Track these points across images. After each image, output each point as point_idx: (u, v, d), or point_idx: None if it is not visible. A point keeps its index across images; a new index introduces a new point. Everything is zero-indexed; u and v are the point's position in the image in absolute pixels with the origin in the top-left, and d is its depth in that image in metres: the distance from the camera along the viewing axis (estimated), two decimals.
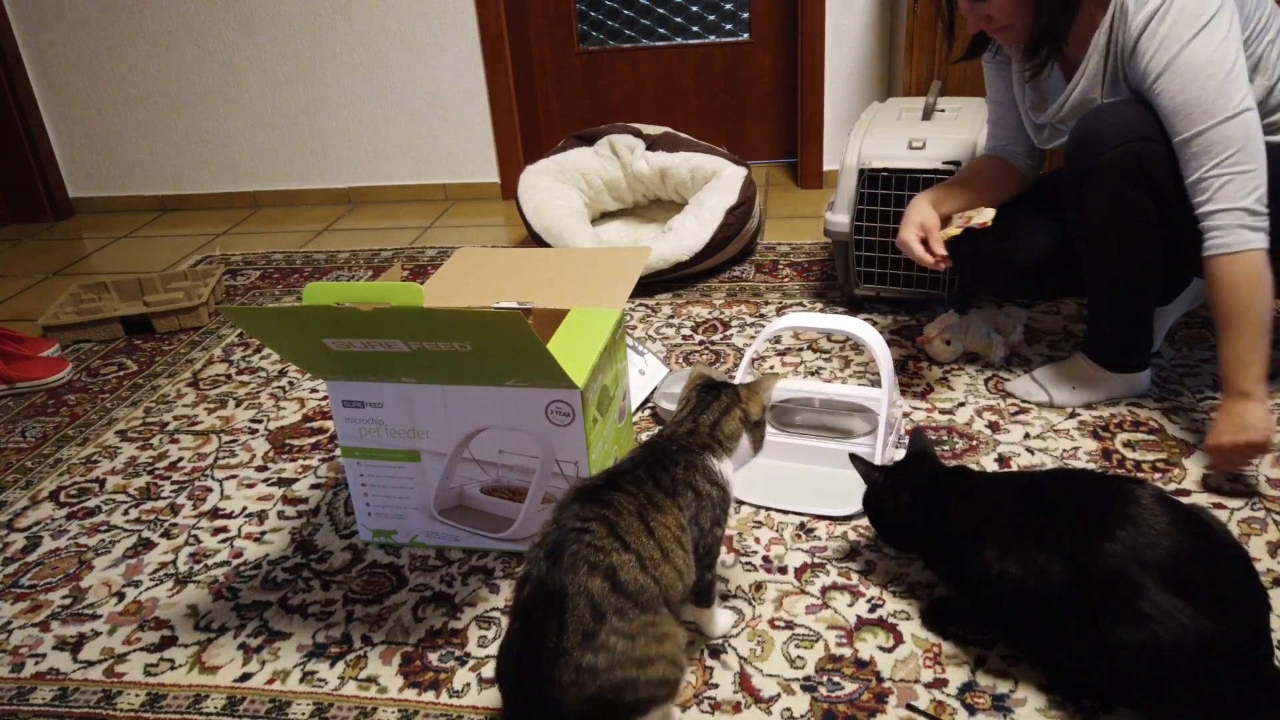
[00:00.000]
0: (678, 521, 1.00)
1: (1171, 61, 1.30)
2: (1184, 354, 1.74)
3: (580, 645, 0.88)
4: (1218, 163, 1.30)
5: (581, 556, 0.91)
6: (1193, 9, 1.28)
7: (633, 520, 0.96)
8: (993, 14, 1.40)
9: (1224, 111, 1.29)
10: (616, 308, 1.40)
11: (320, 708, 1.12)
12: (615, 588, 0.91)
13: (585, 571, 0.90)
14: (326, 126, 3.12)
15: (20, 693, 1.18)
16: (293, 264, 2.64)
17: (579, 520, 0.95)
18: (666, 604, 0.96)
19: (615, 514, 0.96)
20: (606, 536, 0.93)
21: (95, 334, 2.22)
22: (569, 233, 2.28)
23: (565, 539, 0.93)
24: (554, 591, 0.90)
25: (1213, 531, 0.97)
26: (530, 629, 0.91)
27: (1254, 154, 1.30)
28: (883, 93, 2.87)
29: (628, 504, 0.98)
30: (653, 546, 0.96)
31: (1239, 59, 1.30)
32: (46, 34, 3.08)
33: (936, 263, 1.55)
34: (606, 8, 3.07)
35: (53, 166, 3.25)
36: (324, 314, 1.09)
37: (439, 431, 1.28)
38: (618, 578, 0.91)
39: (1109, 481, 1.04)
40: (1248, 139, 1.29)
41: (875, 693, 1.07)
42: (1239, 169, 1.29)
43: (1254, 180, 1.30)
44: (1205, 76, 1.29)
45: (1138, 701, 1.00)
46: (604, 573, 0.91)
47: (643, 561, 0.94)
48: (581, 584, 0.90)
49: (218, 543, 1.45)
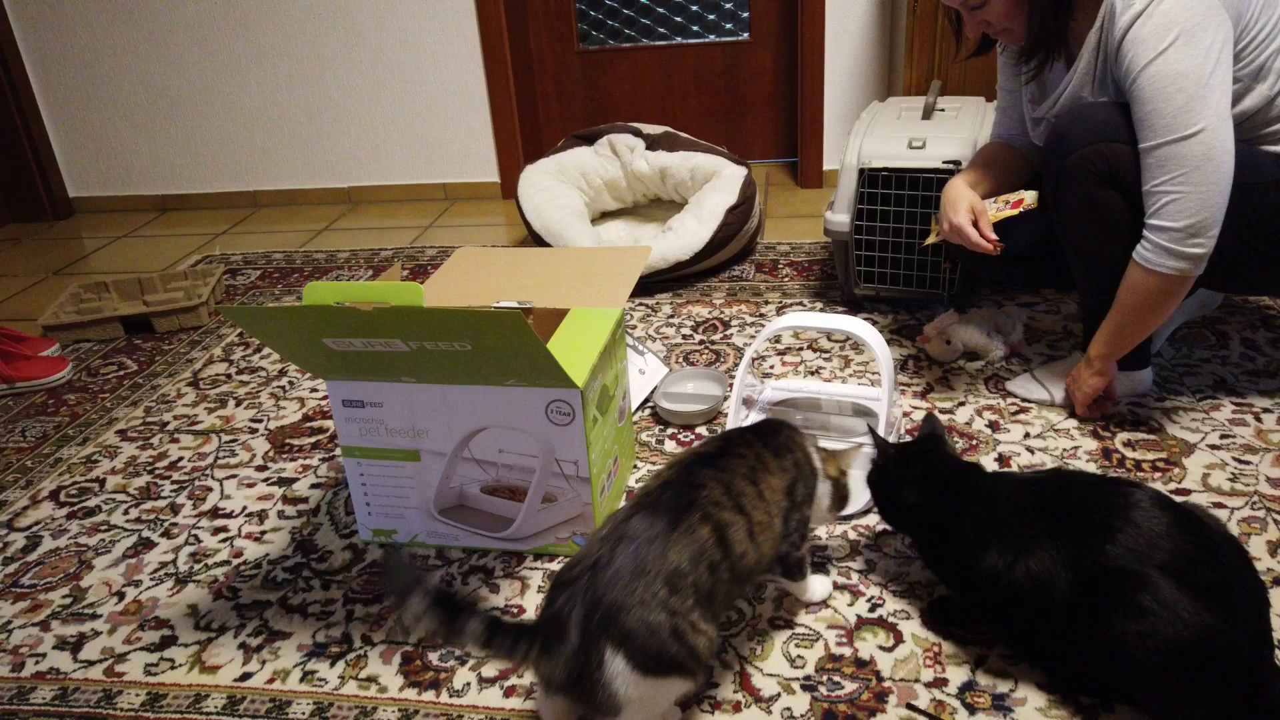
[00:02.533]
0: (781, 485, 1.07)
1: (1145, 67, 1.29)
2: (1184, 354, 1.74)
3: (671, 576, 0.93)
4: (1169, 179, 1.30)
5: (699, 504, 0.98)
6: (1176, 16, 1.27)
7: (745, 484, 1.03)
8: (990, 18, 1.41)
9: (1184, 129, 1.27)
10: (616, 307, 1.40)
11: (320, 707, 1.12)
12: (720, 542, 0.98)
13: (699, 518, 0.97)
14: (326, 126, 3.12)
15: (20, 692, 1.18)
16: (293, 264, 2.64)
17: (699, 475, 1.02)
18: (753, 575, 1.03)
19: (729, 476, 1.03)
20: (722, 495, 1.00)
21: (95, 334, 2.22)
22: (569, 232, 2.28)
23: (691, 483, 1.00)
24: (664, 522, 0.96)
25: (1211, 531, 0.97)
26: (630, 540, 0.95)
27: (1207, 175, 1.28)
28: (883, 92, 2.87)
29: (739, 466, 1.05)
30: (762, 511, 1.03)
31: (1216, 74, 1.27)
32: (46, 34, 3.08)
33: (991, 247, 1.51)
34: (606, 7, 3.06)
35: (53, 166, 3.25)
36: (324, 314, 1.09)
37: (439, 431, 1.28)
38: (725, 536, 0.98)
39: (1107, 484, 1.04)
40: (1205, 159, 1.28)
41: (875, 692, 1.07)
42: (1185, 189, 1.29)
43: (1199, 203, 1.28)
44: (1175, 89, 1.27)
45: (1139, 698, 1.01)
46: (714, 526, 0.98)
47: (751, 527, 1.01)
48: (693, 525, 0.97)
49: (218, 542, 1.45)
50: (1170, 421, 1.54)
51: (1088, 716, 1.02)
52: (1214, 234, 1.31)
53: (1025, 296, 2.02)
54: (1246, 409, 1.56)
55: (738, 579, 1.01)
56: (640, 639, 0.90)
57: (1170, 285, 1.35)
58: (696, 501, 0.98)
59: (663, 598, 0.92)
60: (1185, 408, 1.58)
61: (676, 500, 0.98)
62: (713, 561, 0.96)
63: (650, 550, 0.94)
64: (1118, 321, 1.44)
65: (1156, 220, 1.32)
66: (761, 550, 1.04)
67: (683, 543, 0.95)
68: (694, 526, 0.96)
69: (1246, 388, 1.62)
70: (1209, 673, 0.92)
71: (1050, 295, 2.02)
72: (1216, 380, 1.65)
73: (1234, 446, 1.47)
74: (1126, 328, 1.44)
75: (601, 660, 0.89)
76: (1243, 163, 1.32)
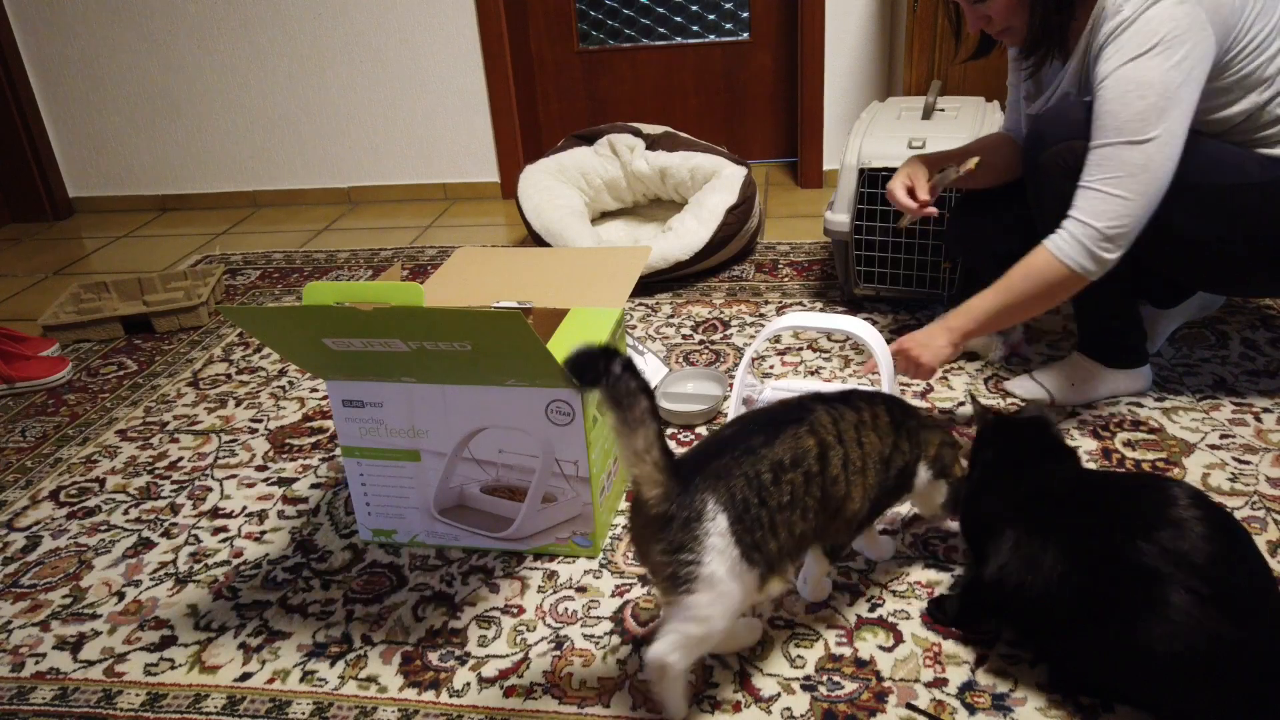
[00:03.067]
0: (879, 449, 1.09)
1: (1114, 71, 1.29)
2: (1184, 354, 1.74)
3: (775, 466, 0.99)
4: (1102, 178, 1.30)
5: (807, 420, 1.04)
6: (1156, 28, 1.27)
7: (850, 430, 1.07)
8: (991, 14, 1.41)
9: (1134, 135, 1.28)
10: (616, 307, 1.40)
11: (320, 707, 1.12)
12: (820, 458, 1.03)
13: (806, 430, 1.03)
14: (326, 126, 3.12)
15: (20, 692, 1.18)
16: (293, 264, 2.64)
17: (812, 404, 1.08)
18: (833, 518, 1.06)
19: (840, 416, 1.08)
20: (830, 424, 1.06)
21: (95, 333, 2.22)
22: (569, 232, 2.28)
23: (804, 405, 1.07)
24: (775, 423, 1.04)
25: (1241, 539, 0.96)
26: (742, 430, 1.03)
27: (1140, 184, 1.28)
28: (883, 92, 2.87)
29: (851, 416, 1.08)
30: (858, 457, 1.07)
31: (1183, 90, 1.27)
32: (46, 34, 3.08)
33: (918, 208, 1.57)
34: (606, 7, 3.06)
35: (53, 166, 3.25)
36: (324, 314, 1.10)
37: (439, 431, 1.28)
38: (826, 455, 1.03)
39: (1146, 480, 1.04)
40: (1142, 168, 1.28)
41: (875, 692, 1.07)
42: (1115, 191, 1.29)
43: (1123, 208, 1.29)
44: (1136, 96, 1.27)
45: (1150, 701, 1.00)
46: (819, 442, 1.03)
47: (848, 462, 1.05)
48: (800, 434, 1.03)
49: (218, 542, 1.45)
50: (1170, 421, 1.54)
51: (1088, 716, 1.02)
52: (1125, 246, 1.31)
53: None
54: (1246, 409, 1.56)
55: (823, 507, 1.03)
56: (740, 511, 0.96)
57: (1069, 282, 1.34)
58: (805, 418, 1.05)
59: (766, 481, 0.98)
60: (1185, 408, 1.58)
61: (788, 413, 1.06)
62: (809, 471, 1.02)
63: (760, 439, 1.01)
64: (1002, 302, 1.38)
65: (1080, 215, 1.31)
66: (850, 492, 1.06)
67: (789, 443, 1.02)
68: (801, 435, 1.03)
69: (1246, 388, 1.62)
70: (1229, 680, 0.91)
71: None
72: (1216, 380, 1.65)
73: (1234, 446, 1.47)
74: (1007, 310, 1.39)
75: (704, 511, 0.95)
76: (1227, 164, 1.33)
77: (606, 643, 1.18)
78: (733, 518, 0.96)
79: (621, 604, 1.24)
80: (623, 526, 1.39)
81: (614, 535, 1.37)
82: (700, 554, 0.94)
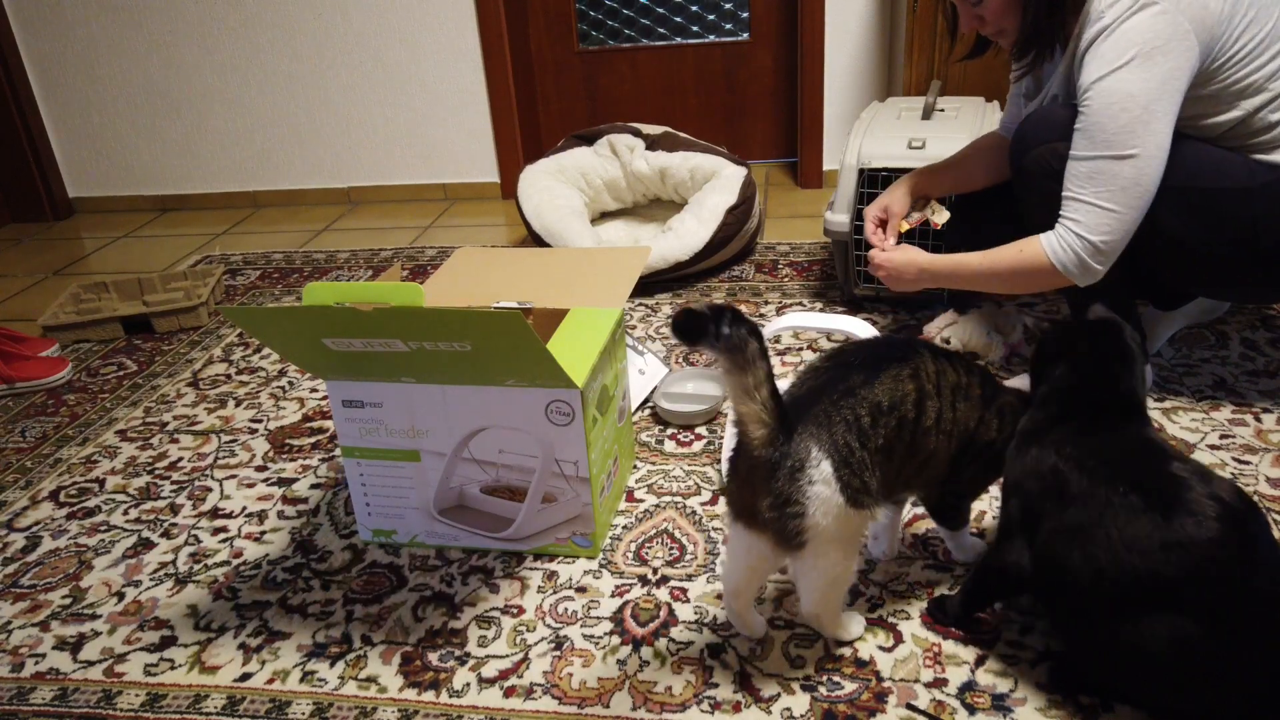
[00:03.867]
0: (970, 414, 1.08)
1: (1097, 81, 1.30)
2: (1184, 354, 1.74)
3: (874, 409, 0.99)
4: (1095, 191, 1.33)
5: (912, 362, 1.03)
6: (1138, 37, 1.27)
7: (948, 388, 1.05)
8: (984, 15, 1.42)
9: (1122, 149, 1.30)
10: (616, 307, 1.40)
11: (320, 708, 1.12)
12: (917, 404, 1.02)
13: (909, 373, 1.02)
14: (326, 126, 3.12)
15: (20, 693, 1.18)
16: (293, 264, 2.64)
17: (919, 347, 1.06)
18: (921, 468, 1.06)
19: (942, 370, 1.06)
20: (932, 373, 1.04)
21: (95, 334, 2.22)
22: (569, 232, 2.28)
23: (912, 345, 1.06)
24: (878, 360, 1.02)
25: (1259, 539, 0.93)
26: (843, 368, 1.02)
27: (1132, 199, 1.32)
28: (883, 92, 2.87)
29: (952, 376, 1.07)
30: (950, 414, 1.05)
31: (1163, 102, 1.29)
32: (46, 34, 3.08)
33: (877, 245, 1.65)
34: (606, 7, 3.06)
35: (53, 166, 3.25)
36: (324, 314, 1.10)
37: (439, 431, 1.28)
38: (924, 403, 1.02)
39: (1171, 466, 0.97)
40: (1134, 183, 1.31)
41: (875, 692, 1.07)
42: (1109, 205, 1.33)
43: (1117, 221, 1.33)
44: (1120, 109, 1.29)
45: (1151, 703, 1.00)
46: (918, 388, 1.02)
47: (941, 413, 1.04)
48: (902, 376, 1.02)
49: (218, 543, 1.45)
50: (1170, 421, 1.54)
51: (1088, 716, 1.02)
52: (1114, 258, 1.36)
53: (1025, 297, 2.02)
54: (1246, 409, 1.56)
55: (912, 455, 1.03)
56: (843, 456, 0.96)
57: (1051, 278, 1.40)
58: (910, 360, 1.03)
59: (866, 425, 0.98)
60: (1185, 408, 1.58)
61: (893, 351, 1.04)
62: (904, 417, 1.01)
63: (860, 377, 1.00)
64: (983, 267, 1.45)
65: (1077, 227, 1.35)
66: (939, 445, 1.05)
67: (889, 384, 1.01)
68: (902, 378, 1.02)
69: (1246, 388, 1.62)
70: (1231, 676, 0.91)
71: (1050, 296, 2.02)
72: (1216, 380, 1.65)
73: (1234, 446, 1.47)
74: (984, 276, 1.46)
75: (808, 460, 0.95)
76: (1217, 168, 1.35)
77: (606, 643, 1.18)
78: (837, 462, 0.96)
79: (621, 604, 1.24)
80: (623, 527, 1.39)
81: (614, 535, 1.37)
82: (807, 505, 0.95)
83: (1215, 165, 1.37)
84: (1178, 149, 1.34)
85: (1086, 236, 1.34)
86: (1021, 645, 1.12)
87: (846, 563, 1.04)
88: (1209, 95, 1.35)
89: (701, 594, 1.25)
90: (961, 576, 1.24)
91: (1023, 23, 1.40)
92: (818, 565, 1.01)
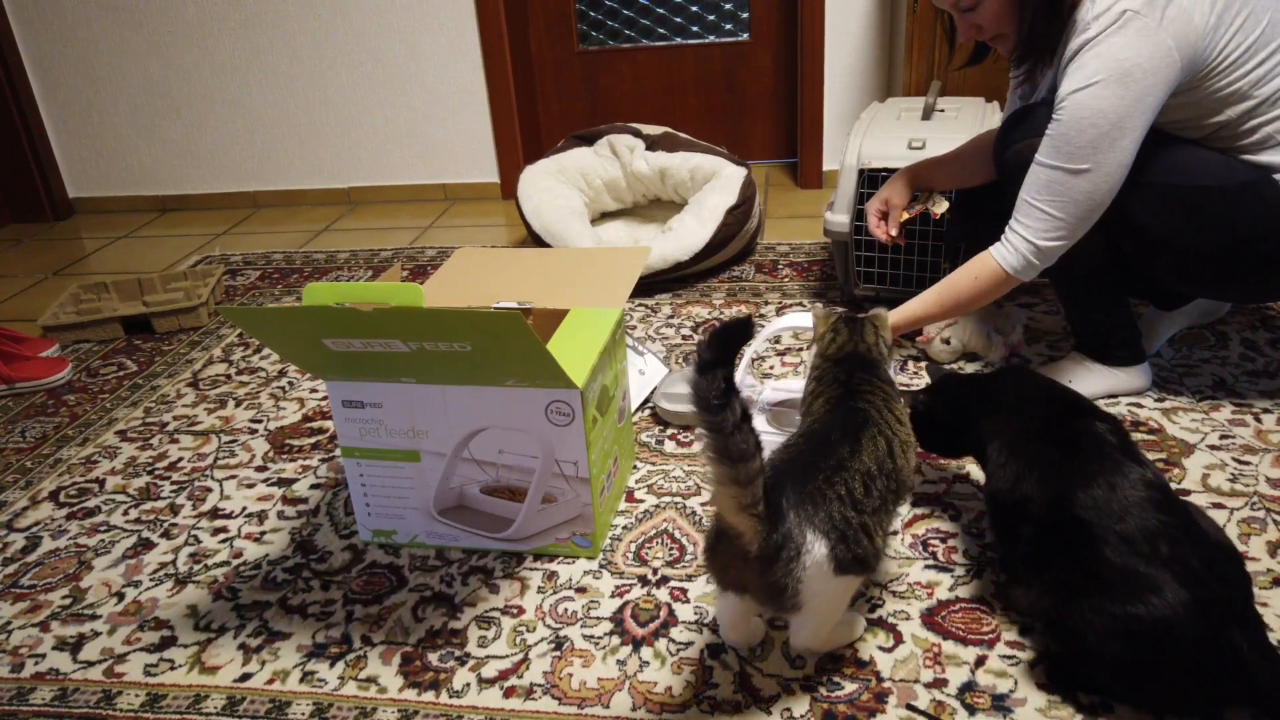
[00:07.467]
0: (904, 413, 1.14)
1: (1073, 94, 1.31)
2: (1184, 354, 1.74)
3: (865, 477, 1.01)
4: (1049, 199, 1.36)
5: (873, 421, 1.08)
6: (1120, 53, 1.27)
7: (886, 410, 1.11)
8: (982, 23, 1.42)
9: (1082, 163, 1.32)
10: (616, 308, 1.40)
11: (320, 708, 1.12)
12: (890, 454, 1.06)
13: (876, 432, 1.07)
14: (326, 126, 3.12)
15: (20, 693, 1.18)
16: (293, 264, 2.64)
17: (858, 401, 1.11)
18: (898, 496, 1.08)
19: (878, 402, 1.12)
20: (881, 416, 1.09)
21: (95, 334, 2.22)
22: (569, 233, 2.28)
23: (856, 406, 1.10)
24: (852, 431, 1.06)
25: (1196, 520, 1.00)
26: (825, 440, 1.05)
27: (1082, 211, 1.36)
28: (883, 93, 2.87)
29: (877, 398, 1.12)
30: (904, 432, 1.11)
31: (1134, 120, 1.29)
32: (46, 34, 3.08)
33: (887, 239, 1.75)
34: (606, 8, 3.06)
35: (53, 166, 3.25)
36: (324, 314, 1.10)
37: (439, 431, 1.28)
38: (892, 448, 1.07)
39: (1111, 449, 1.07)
40: (1088, 196, 1.34)
41: (875, 693, 1.07)
42: (1058, 214, 1.36)
43: (1063, 229, 1.37)
44: (1089, 124, 1.30)
45: (1151, 702, 1.01)
46: (885, 439, 1.07)
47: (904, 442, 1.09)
48: (874, 436, 1.06)
49: (218, 543, 1.45)
50: (1170, 422, 1.54)
51: (1088, 716, 1.02)
52: (1050, 263, 1.41)
53: (1025, 297, 2.02)
54: (1246, 409, 1.56)
55: (894, 492, 1.07)
56: (840, 531, 0.97)
57: (1005, 284, 1.44)
58: (870, 419, 1.08)
59: (859, 496, 1.00)
60: (1185, 408, 1.58)
61: (853, 416, 1.09)
62: (888, 470, 1.05)
63: (846, 449, 1.03)
64: (945, 306, 1.48)
65: (1023, 231, 1.39)
66: (905, 462, 1.09)
67: (869, 449, 1.04)
68: (875, 437, 1.06)
69: (1246, 388, 1.62)
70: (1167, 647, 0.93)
71: (1050, 296, 2.02)
72: (1216, 380, 1.65)
73: (1234, 447, 1.47)
74: (948, 311, 1.50)
75: (803, 545, 0.95)
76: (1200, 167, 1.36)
77: (606, 643, 1.18)
78: (834, 540, 0.96)
79: (621, 605, 1.24)
80: (623, 527, 1.39)
81: (614, 536, 1.37)
82: (801, 584, 0.95)
83: (1195, 164, 1.38)
84: (1158, 148, 1.35)
85: (1034, 240, 1.38)
86: (1021, 645, 1.12)
87: (843, 609, 1.05)
88: (1193, 102, 1.35)
89: (701, 594, 1.25)
90: (962, 577, 1.24)
91: (1020, 29, 1.40)
92: (815, 616, 1.02)
